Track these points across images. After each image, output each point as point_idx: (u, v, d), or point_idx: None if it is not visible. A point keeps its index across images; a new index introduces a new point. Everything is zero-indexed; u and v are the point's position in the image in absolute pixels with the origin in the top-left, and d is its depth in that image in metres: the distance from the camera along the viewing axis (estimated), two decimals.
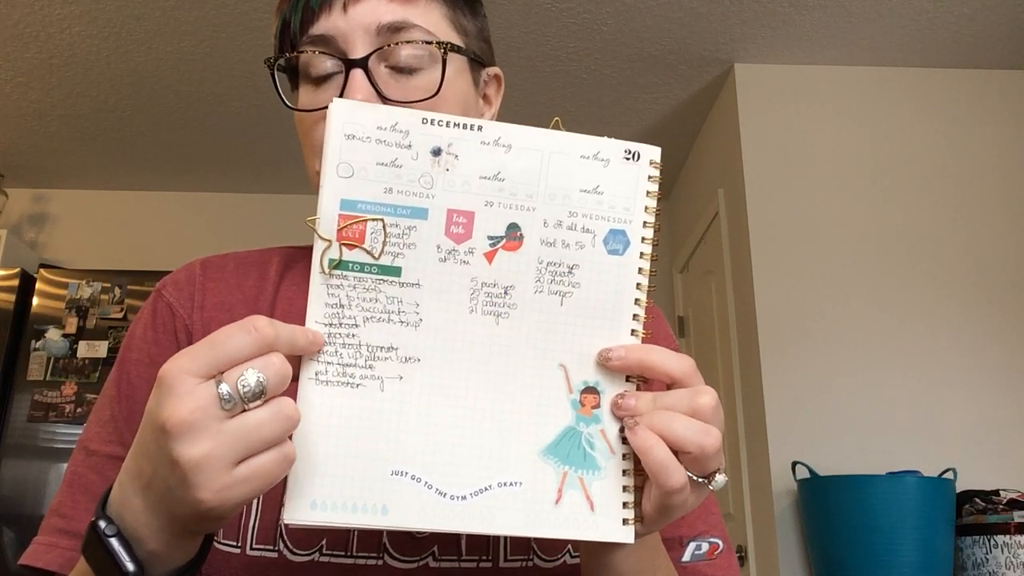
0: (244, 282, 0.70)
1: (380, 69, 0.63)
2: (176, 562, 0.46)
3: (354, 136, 0.47)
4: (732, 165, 2.82)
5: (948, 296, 2.54)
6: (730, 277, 2.81)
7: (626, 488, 0.49)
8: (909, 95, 2.77)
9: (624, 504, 0.49)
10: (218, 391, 0.41)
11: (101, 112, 3.18)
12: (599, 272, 0.50)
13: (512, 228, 0.49)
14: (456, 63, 0.66)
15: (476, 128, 0.49)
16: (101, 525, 0.44)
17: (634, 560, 0.52)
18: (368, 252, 0.47)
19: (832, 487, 2.13)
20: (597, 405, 0.49)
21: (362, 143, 0.47)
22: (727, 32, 2.64)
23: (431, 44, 0.64)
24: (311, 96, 0.65)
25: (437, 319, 0.48)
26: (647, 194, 0.51)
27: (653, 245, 0.50)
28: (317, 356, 0.46)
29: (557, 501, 0.48)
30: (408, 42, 0.63)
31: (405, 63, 0.63)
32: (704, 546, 0.66)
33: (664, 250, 3.66)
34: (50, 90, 3.03)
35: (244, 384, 0.41)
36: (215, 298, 0.68)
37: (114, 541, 0.44)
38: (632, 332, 0.50)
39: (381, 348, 0.47)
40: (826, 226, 2.62)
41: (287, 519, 0.45)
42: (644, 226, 0.50)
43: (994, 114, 2.75)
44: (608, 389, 0.50)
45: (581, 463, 0.49)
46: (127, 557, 0.44)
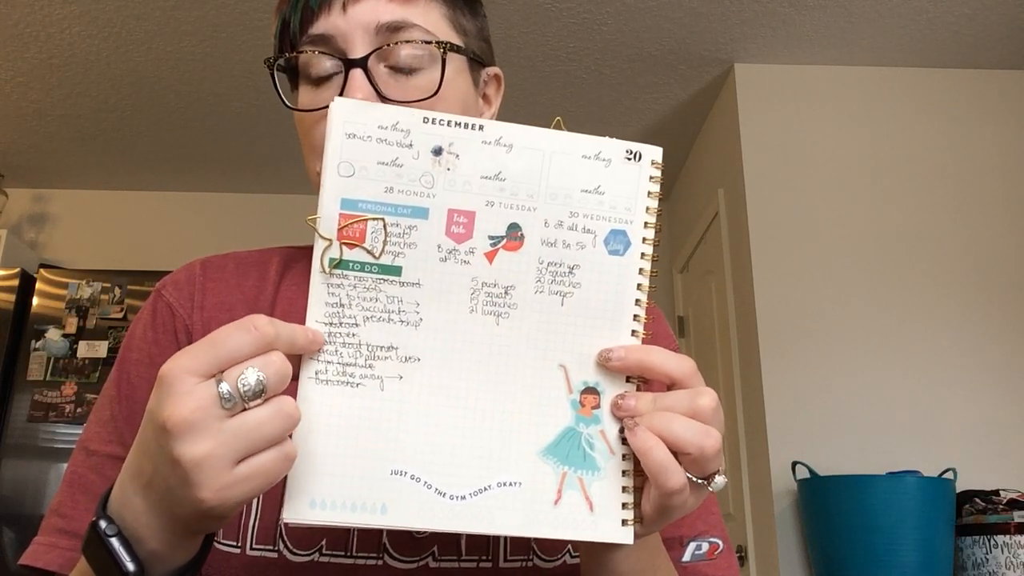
0: (244, 282, 0.70)
1: (379, 69, 0.63)
2: (177, 562, 0.46)
3: (355, 135, 0.47)
4: (732, 165, 2.82)
5: (948, 296, 2.54)
6: (730, 277, 2.81)
7: (625, 489, 0.49)
8: (909, 95, 2.77)
9: (623, 505, 0.49)
10: (218, 390, 0.41)
11: (101, 112, 3.18)
12: (600, 272, 0.50)
13: (513, 228, 0.49)
14: (455, 63, 0.66)
15: (477, 128, 0.49)
16: (102, 525, 0.44)
17: (634, 560, 0.52)
18: (369, 251, 0.47)
19: (832, 487, 2.13)
20: (597, 405, 0.49)
21: (363, 142, 0.47)
22: (727, 32, 2.64)
23: (430, 44, 0.64)
24: (311, 96, 0.65)
25: (437, 319, 0.48)
26: (648, 194, 0.50)
27: (654, 245, 0.50)
28: (317, 355, 0.46)
29: (556, 501, 0.48)
30: (407, 42, 0.63)
31: (404, 63, 0.63)
32: (704, 546, 0.66)
33: (664, 250, 3.66)
34: (50, 90, 3.03)
35: (244, 383, 0.41)
36: (215, 298, 0.68)
37: (115, 541, 0.44)
38: (632, 332, 0.50)
39: (381, 347, 0.47)
40: (826, 226, 2.62)
41: (286, 518, 0.45)
42: (645, 226, 0.50)
43: (994, 114, 2.75)
44: (608, 390, 0.49)
45: (581, 463, 0.49)
46: (128, 557, 0.44)
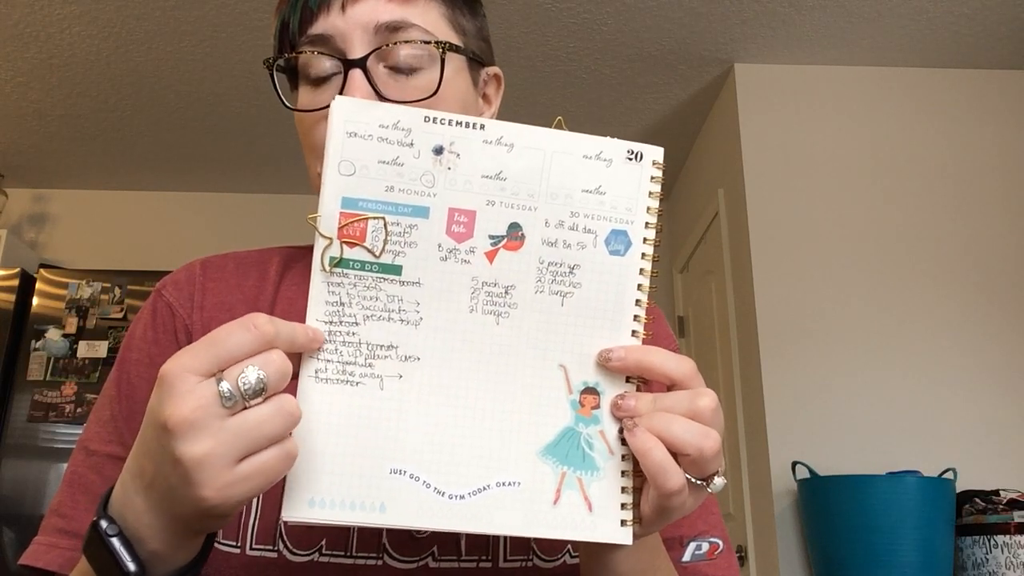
0: (244, 282, 0.70)
1: (379, 69, 0.63)
2: (178, 562, 0.46)
3: (356, 134, 0.47)
4: (732, 165, 2.82)
5: (948, 296, 2.54)
6: (730, 277, 2.81)
7: (624, 489, 0.49)
8: (909, 95, 2.77)
9: (622, 505, 0.49)
10: (219, 389, 0.41)
11: (101, 112, 3.18)
12: (600, 272, 0.50)
13: (513, 228, 0.49)
14: (455, 63, 0.66)
15: (478, 127, 0.48)
16: (102, 525, 0.44)
17: (633, 560, 0.52)
18: (369, 250, 0.47)
19: (832, 487, 2.13)
20: (597, 406, 0.49)
21: (364, 141, 0.47)
22: (727, 32, 2.64)
23: (429, 44, 0.63)
24: (310, 96, 0.65)
25: (437, 318, 0.48)
26: (649, 195, 0.50)
27: (655, 246, 0.50)
28: (317, 354, 0.46)
29: (555, 501, 0.48)
30: (407, 42, 0.63)
31: (404, 63, 0.63)
32: (704, 546, 0.66)
33: (664, 250, 3.66)
34: (50, 90, 3.03)
35: (245, 381, 0.41)
36: (215, 298, 0.68)
37: (115, 541, 0.44)
38: (633, 333, 0.50)
39: (381, 346, 0.47)
40: (826, 226, 2.62)
41: (286, 516, 0.45)
42: (646, 227, 0.50)
43: (994, 114, 2.75)
44: (608, 390, 0.49)
45: (580, 464, 0.49)
46: (128, 557, 0.44)
